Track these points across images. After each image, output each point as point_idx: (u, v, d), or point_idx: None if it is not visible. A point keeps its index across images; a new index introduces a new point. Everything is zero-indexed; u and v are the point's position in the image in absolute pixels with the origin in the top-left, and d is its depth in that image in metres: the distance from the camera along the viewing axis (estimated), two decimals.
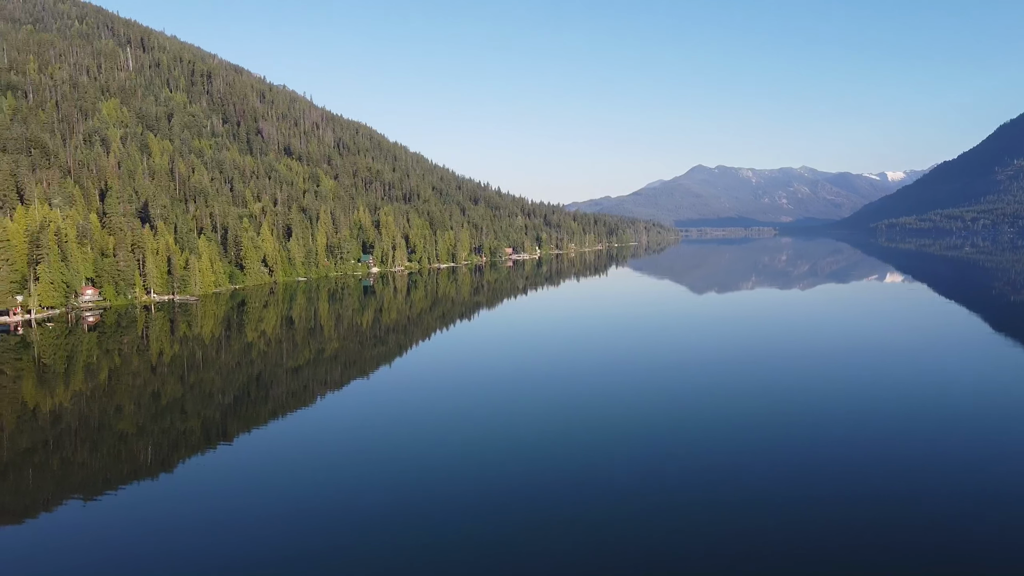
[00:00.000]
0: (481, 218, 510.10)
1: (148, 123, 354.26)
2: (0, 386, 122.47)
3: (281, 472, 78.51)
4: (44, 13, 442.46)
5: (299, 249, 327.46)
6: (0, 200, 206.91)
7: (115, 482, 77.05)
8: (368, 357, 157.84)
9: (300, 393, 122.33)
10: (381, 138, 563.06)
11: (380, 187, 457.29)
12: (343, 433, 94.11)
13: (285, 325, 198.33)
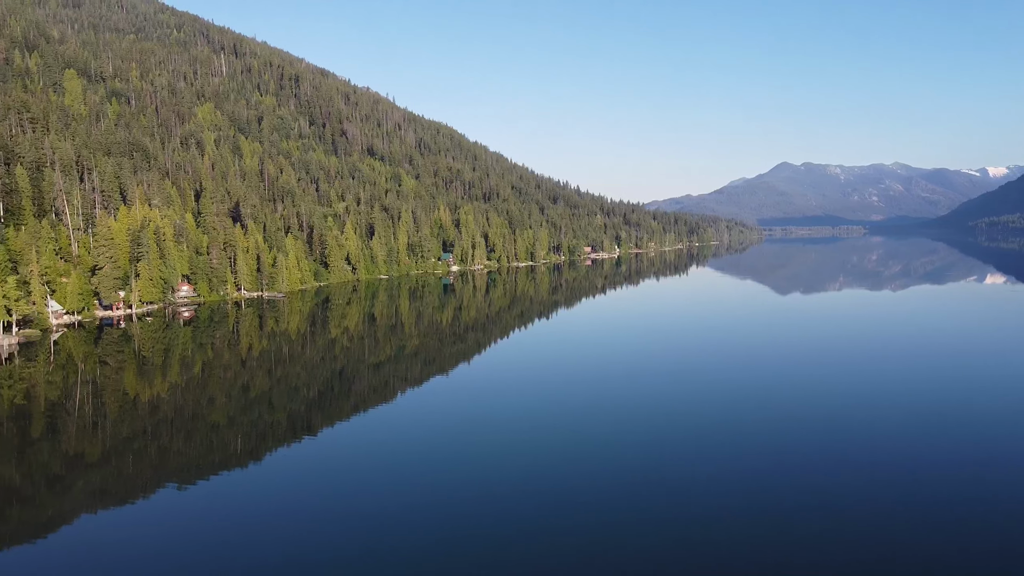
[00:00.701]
0: (560, 217, 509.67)
1: (240, 126, 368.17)
2: (104, 377, 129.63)
3: (362, 465, 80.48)
4: (146, 23, 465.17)
5: (381, 247, 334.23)
6: (105, 200, 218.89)
7: (207, 470, 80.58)
8: (447, 354, 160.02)
9: (381, 389, 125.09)
10: (461, 138, 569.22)
11: (460, 186, 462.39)
12: (422, 428, 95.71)
13: (367, 322, 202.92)
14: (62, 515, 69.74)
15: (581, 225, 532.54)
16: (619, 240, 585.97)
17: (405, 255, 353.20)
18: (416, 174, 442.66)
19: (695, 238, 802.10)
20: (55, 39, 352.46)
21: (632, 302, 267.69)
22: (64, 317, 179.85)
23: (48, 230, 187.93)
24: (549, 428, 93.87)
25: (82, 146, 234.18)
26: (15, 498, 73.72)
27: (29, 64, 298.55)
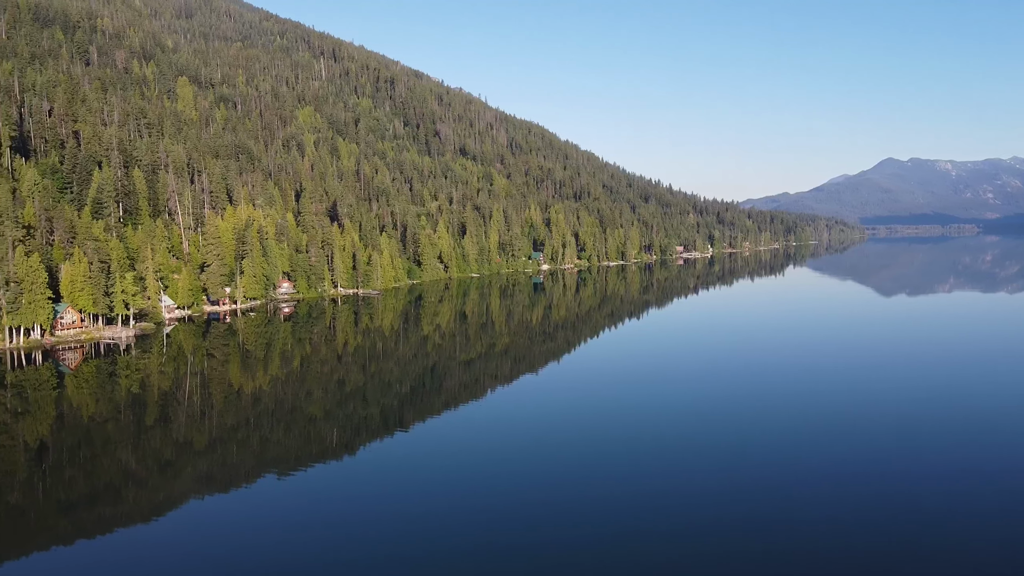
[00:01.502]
0: (651, 216, 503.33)
1: (338, 128, 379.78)
2: (211, 369, 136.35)
3: (452, 460, 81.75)
4: (251, 31, 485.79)
5: (473, 246, 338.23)
6: (213, 201, 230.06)
7: (305, 461, 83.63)
8: (537, 353, 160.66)
9: (472, 386, 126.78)
10: (552, 137, 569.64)
11: (551, 185, 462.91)
12: (512, 426, 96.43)
13: (458, 319, 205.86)
14: (172, 498, 73.82)
15: (673, 224, 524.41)
16: (712, 239, 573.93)
17: (496, 254, 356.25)
18: (507, 173, 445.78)
19: (792, 237, 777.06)
20: (169, 48, 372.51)
21: (725, 303, 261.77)
22: (175, 311, 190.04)
23: (162, 229, 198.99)
24: (638, 427, 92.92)
25: (193, 149, 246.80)
26: (131, 480, 78.52)
27: (146, 72, 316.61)
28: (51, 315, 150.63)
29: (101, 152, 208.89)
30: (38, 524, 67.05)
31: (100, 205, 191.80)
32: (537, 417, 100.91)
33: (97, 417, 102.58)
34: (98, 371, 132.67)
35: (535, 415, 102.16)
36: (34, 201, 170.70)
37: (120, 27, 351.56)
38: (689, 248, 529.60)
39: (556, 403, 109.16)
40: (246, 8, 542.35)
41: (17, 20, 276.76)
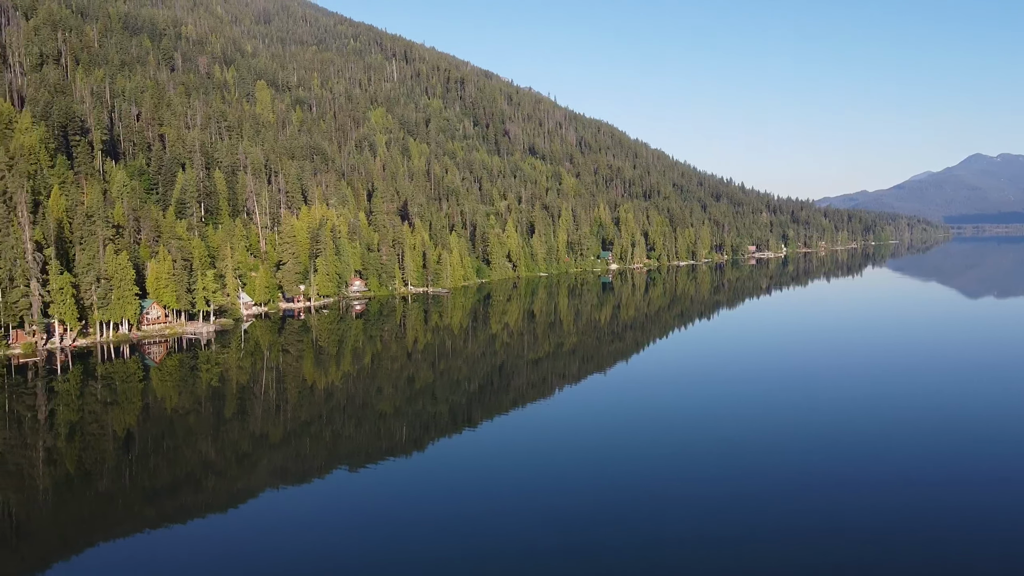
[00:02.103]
0: (723, 215, 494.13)
1: (409, 128, 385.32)
2: (286, 364, 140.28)
3: (519, 459, 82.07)
4: (326, 35, 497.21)
5: (541, 245, 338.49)
6: (289, 201, 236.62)
7: (375, 456, 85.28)
8: (605, 353, 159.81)
9: (539, 385, 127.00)
10: (622, 135, 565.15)
11: (620, 184, 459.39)
12: (579, 425, 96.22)
13: (526, 318, 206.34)
14: (249, 489, 76.30)
15: (745, 223, 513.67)
16: (786, 239, 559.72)
17: (564, 253, 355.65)
18: (576, 172, 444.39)
19: (871, 237, 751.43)
20: (249, 53, 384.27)
21: (799, 304, 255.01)
22: (253, 308, 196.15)
23: (241, 228, 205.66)
24: (708, 430, 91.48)
25: (270, 151, 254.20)
26: (211, 471, 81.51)
27: (227, 77, 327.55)
28: (138, 311, 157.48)
29: (184, 154, 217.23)
30: (125, 511, 70.24)
31: (183, 205, 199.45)
32: (604, 417, 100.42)
33: (179, 409, 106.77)
34: (180, 365, 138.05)
35: (602, 415, 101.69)
36: (123, 202, 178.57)
37: (203, 33, 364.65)
38: (762, 248, 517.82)
39: (624, 403, 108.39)
40: (321, 12, 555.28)
41: (108, 29, 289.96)
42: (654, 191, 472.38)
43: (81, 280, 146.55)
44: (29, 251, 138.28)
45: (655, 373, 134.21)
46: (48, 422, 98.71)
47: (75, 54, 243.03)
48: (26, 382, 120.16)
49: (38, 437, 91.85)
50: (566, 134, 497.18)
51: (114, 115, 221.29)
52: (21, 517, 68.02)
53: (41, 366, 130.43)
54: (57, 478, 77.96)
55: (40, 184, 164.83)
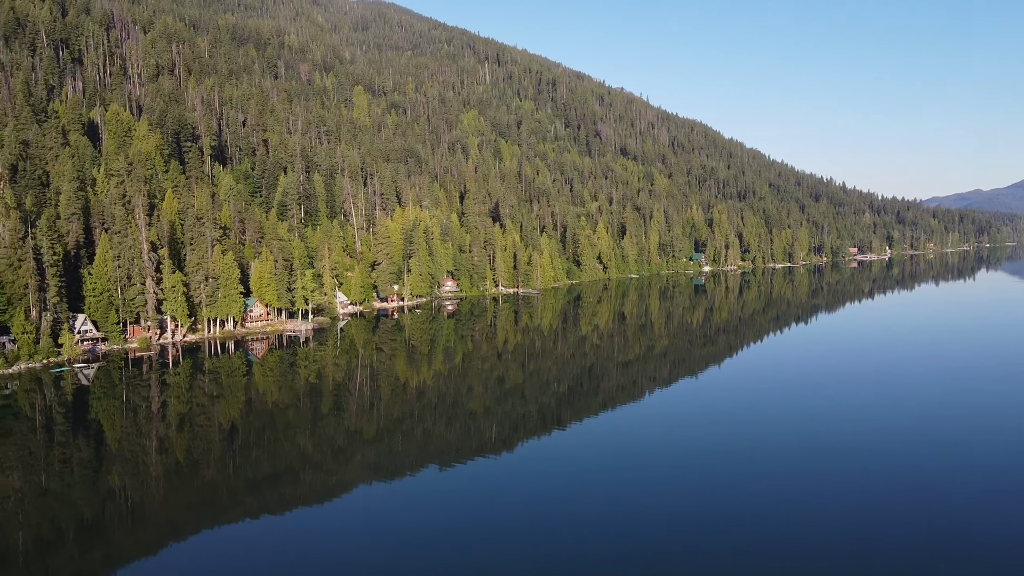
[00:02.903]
0: (822, 215, 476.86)
1: (500, 130, 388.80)
2: (379, 362, 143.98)
3: (607, 461, 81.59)
4: (421, 40, 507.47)
5: (632, 247, 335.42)
6: (383, 202, 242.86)
7: (465, 455, 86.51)
8: (697, 356, 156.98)
9: (629, 387, 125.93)
10: (716, 135, 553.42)
11: (714, 184, 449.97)
12: (669, 429, 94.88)
13: (617, 320, 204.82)
14: (343, 483, 78.80)
15: (846, 224, 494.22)
16: (891, 240, 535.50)
17: (656, 254, 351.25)
18: (668, 173, 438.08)
19: (985, 238, 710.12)
20: (347, 60, 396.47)
21: (904, 308, 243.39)
22: (348, 307, 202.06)
23: (338, 229, 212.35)
24: (795, 436, 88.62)
25: (366, 154, 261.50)
26: (308, 464, 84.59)
27: (326, 83, 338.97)
28: (242, 308, 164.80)
29: (286, 158, 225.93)
30: (229, 499, 73.74)
31: (285, 207, 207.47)
32: (695, 422, 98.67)
33: (280, 404, 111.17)
34: (281, 361, 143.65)
35: (693, 419, 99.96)
36: (229, 204, 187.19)
37: (304, 42, 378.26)
38: (864, 250, 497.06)
39: (715, 408, 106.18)
40: (416, 18, 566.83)
41: (218, 40, 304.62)
42: (749, 191, 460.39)
43: (191, 279, 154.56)
44: (145, 251, 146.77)
45: (749, 378, 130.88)
46: (160, 413, 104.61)
47: (188, 65, 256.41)
48: (141, 374, 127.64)
49: (152, 427, 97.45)
50: (658, 134, 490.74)
51: (222, 122, 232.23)
52: (136, 501, 72.37)
53: (155, 359, 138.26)
54: (168, 466, 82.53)
55: (155, 188, 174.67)
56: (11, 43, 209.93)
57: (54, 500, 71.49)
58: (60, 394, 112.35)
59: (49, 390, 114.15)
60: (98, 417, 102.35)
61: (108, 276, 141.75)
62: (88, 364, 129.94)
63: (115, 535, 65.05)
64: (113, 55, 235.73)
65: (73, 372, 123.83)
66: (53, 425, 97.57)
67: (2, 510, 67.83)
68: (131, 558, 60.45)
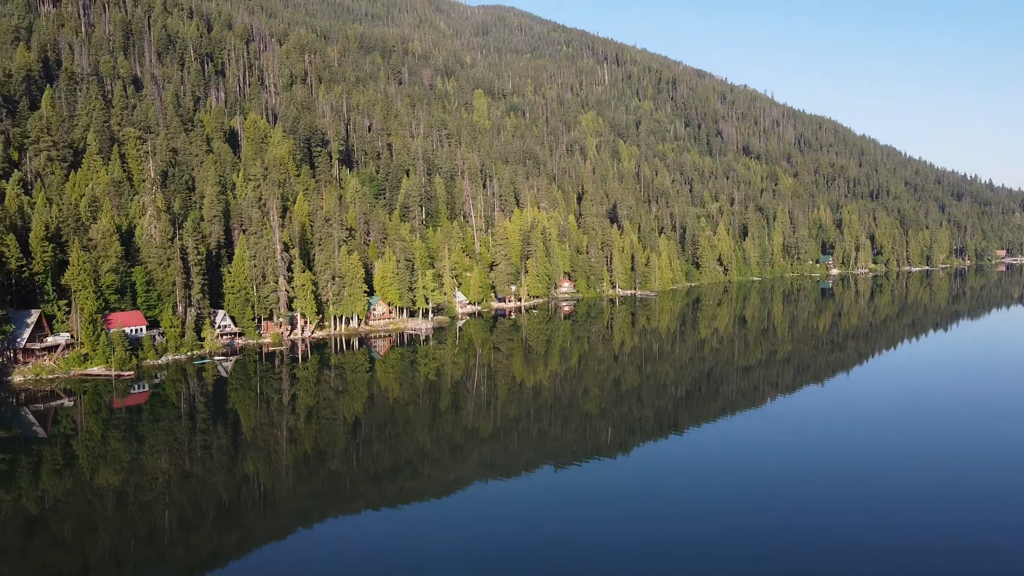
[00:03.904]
0: (965, 216, 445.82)
1: (619, 131, 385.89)
2: (496, 362, 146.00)
3: (724, 468, 79.40)
4: (540, 42, 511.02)
5: (754, 248, 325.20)
6: (502, 204, 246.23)
7: (580, 456, 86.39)
8: (823, 363, 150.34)
9: (750, 393, 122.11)
10: (846, 132, 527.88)
11: (843, 183, 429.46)
12: (788, 438, 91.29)
13: (737, 324, 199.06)
14: (460, 480, 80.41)
15: (993, 225, 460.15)
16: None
17: (779, 257, 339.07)
18: (794, 172, 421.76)
19: None
20: (468, 64, 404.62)
21: None
22: (467, 307, 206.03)
23: (457, 230, 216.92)
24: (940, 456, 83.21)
25: (486, 156, 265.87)
26: (427, 459, 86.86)
27: (447, 87, 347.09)
28: (366, 307, 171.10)
29: (409, 161, 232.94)
30: (351, 491, 76.78)
31: (407, 209, 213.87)
32: (819, 432, 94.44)
33: (400, 400, 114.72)
34: (402, 358, 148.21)
35: (817, 429, 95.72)
36: (355, 206, 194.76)
37: (427, 48, 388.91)
38: (1014, 252, 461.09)
39: (843, 418, 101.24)
40: (535, 21, 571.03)
41: (346, 49, 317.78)
42: (882, 190, 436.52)
43: (319, 277, 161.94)
44: (278, 251, 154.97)
45: (879, 388, 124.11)
46: (290, 405, 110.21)
47: (319, 73, 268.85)
48: (273, 368, 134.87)
49: (282, 418, 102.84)
50: (783, 132, 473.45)
51: (349, 127, 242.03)
52: (267, 488, 76.56)
53: (286, 354, 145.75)
54: (297, 456, 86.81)
55: (288, 191, 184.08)
56: (163, 58, 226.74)
57: (196, 483, 76.65)
58: (202, 384, 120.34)
59: (192, 380, 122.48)
60: (235, 407, 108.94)
61: (245, 274, 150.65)
62: (226, 357, 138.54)
63: (249, 519, 69.06)
64: (252, 66, 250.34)
65: (213, 364, 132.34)
66: (196, 413, 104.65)
67: (152, 490, 73.41)
68: (262, 541, 64.02)
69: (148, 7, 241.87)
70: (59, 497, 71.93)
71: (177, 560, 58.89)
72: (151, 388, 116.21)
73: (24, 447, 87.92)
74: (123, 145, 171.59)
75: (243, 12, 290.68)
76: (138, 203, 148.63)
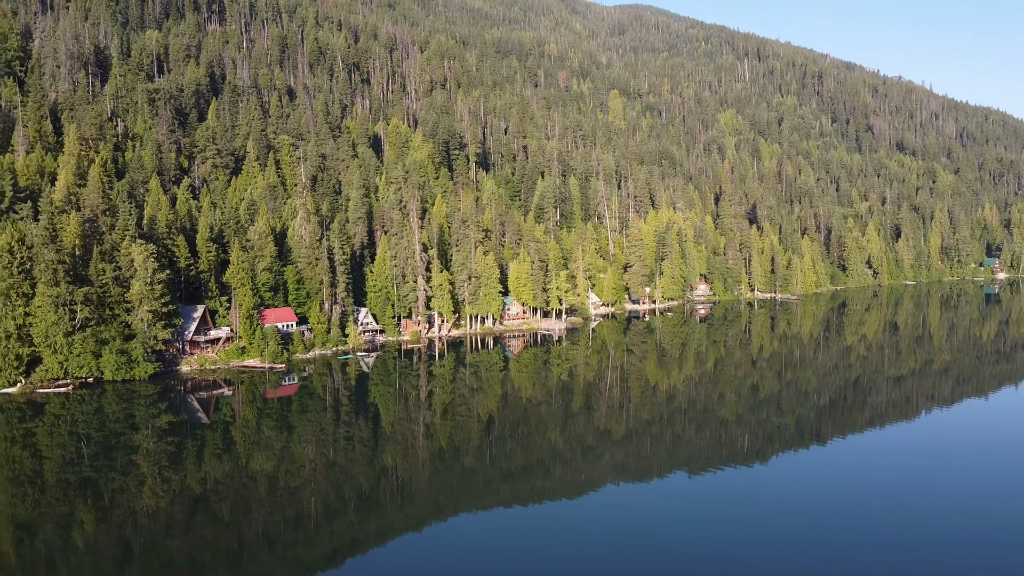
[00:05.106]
0: None
1: (759, 128, 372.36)
2: (629, 364, 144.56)
3: (873, 481, 74.99)
4: (677, 40, 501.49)
5: (908, 250, 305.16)
6: (637, 205, 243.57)
7: (715, 463, 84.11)
8: (987, 375, 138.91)
9: (902, 405, 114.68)
10: (1017, 123, 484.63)
11: (1013, 180, 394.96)
12: (952, 454, 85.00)
13: (888, 330, 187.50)
14: (592, 481, 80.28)
15: None
16: None
17: (937, 259, 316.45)
18: (955, 168, 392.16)
19: None
20: (603, 65, 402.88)
21: None
22: (600, 308, 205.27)
23: (591, 232, 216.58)
24: None
25: (620, 157, 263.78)
26: (558, 460, 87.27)
27: (583, 89, 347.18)
28: (501, 306, 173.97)
29: (544, 163, 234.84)
30: (485, 487, 78.32)
31: (542, 210, 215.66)
32: (982, 449, 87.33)
33: (533, 399, 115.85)
34: (535, 358, 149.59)
35: (979, 446, 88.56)
36: (491, 208, 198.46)
37: (563, 50, 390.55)
38: None
39: (1008, 436, 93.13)
40: (673, 19, 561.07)
41: (484, 54, 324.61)
42: None
43: (456, 278, 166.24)
44: (417, 252, 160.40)
45: None
46: (427, 401, 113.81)
47: (457, 78, 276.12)
48: (411, 365, 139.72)
49: (419, 413, 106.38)
50: (943, 125, 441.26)
51: (486, 130, 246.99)
52: (405, 480, 79.41)
53: (423, 351, 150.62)
54: (433, 450, 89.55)
55: (427, 194, 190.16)
56: (315, 69, 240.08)
57: (339, 472, 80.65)
58: (345, 379, 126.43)
59: (337, 374, 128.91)
60: (375, 401, 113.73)
61: (386, 274, 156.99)
62: (368, 353, 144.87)
63: (387, 509, 71.91)
64: (395, 74, 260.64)
65: (356, 359, 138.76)
66: (340, 406, 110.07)
67: (300, 477, 77.91)
68: (400, 531, 66.51)
69: (302, 21, 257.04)
70: (219, 479, 77.68)
71: (322, 544, 62.21)
72: (300, 381, 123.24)
73: (190, 431, 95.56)
74: (278, 152, 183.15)
75: (387, 22, 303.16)
76: (290, 206, 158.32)
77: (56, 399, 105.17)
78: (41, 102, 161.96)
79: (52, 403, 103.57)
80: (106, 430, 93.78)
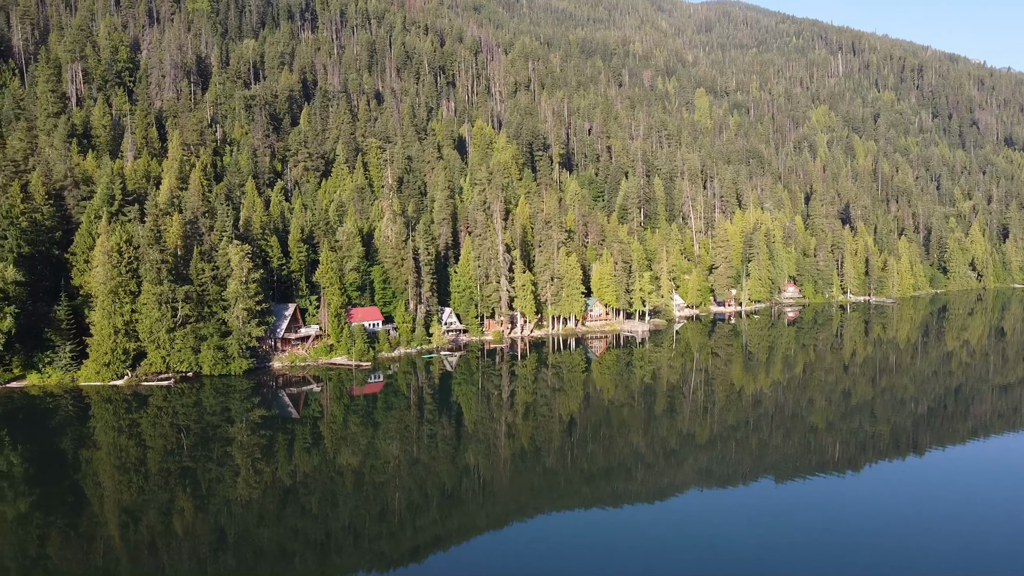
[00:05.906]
0: None
1: (854, 125, 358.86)
2: (714, 367, 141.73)
3: (975, 495, 71.29)
4: (767, 35, 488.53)
5: (1017, 252, 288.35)
6: (723, 205, 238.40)
7: (804, 470, 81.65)
8: None
9: (1009, 416, 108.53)
10: None
11: None
12: None
13: (994, 336, 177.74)
14: (675, 485, 79.20)
15: None
16: None
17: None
18: None
19: None
20: (689, 63, 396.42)
21: None
22: (684, 310, 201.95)
23: (676, 232, 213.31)
24: None
25: (706, 156, 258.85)
26: (640, 463, 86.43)
27: (668, 87, 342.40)
28: (583, 308, 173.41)
29: (628, 163, 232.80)
30: (566, 488, 78.26)
31: (625, 211, 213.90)
32: None
33: (615, 401, 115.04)
34: (617, 360, 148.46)
35: None
36: (574, 208, 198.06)
37: (648, 49, 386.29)
38: None
39: None
40: (762, 14, 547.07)
41: (568, 55, 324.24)
42: None
43: (538, 278, 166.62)
44: (500, 252, 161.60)
45: None
46: (509, 401, 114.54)
47: (541, 80, 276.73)
48: (494, 364, 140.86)
49: (501, 413, 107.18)
50: None
51: (570, 131, 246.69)
52: (487, 479, 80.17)
53: (506, 352, 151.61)
54: (514, 450, 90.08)
55: (510, 195, 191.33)
56: (402, 73, 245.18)
57: (422, 469, 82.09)
58: (429, 377, 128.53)
59: (421, 373, 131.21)
60: (458, 400, 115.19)
61: (470, 274, 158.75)
62: (451, 352, 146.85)
63: (469, 507, 72.78)
64: (480, 76, 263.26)
65: (439, 359, 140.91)
66: (423, 404, 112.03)
67: (384, 473, 79.72)
68: (481, 529, 67.24)
69: (389, 27, 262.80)
70: (308, 472, 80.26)
71: (405, 539, 63.50)
72: (385, 378, 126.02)
73: (281, 426, 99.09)
74: (365, 154, 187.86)
75: (472, 25, 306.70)
76: (377, 207, 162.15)
77: (159, 392, 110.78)
78: (148, 110, 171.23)
79: (155, 395, 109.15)
80: (204, 422, 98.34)
